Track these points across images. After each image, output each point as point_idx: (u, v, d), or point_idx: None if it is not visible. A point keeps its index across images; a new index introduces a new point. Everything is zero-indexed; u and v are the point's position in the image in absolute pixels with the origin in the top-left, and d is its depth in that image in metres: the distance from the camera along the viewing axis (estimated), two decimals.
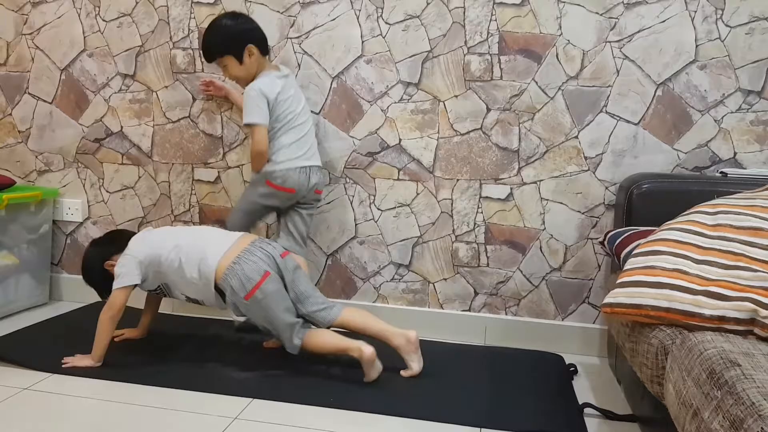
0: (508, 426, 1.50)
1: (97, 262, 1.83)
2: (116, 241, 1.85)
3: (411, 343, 1.75)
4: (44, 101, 2.39)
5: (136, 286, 1.77)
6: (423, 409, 1.57)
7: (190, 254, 1.75)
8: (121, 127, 2.34)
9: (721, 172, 1.86)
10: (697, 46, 1.92)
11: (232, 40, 1.93)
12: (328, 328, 1.80)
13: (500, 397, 1.67)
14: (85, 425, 1.45)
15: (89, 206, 2.42)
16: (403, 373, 1.75)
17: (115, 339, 1.95)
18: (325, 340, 1.75)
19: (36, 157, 2.43)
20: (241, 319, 1.77)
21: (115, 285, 1.74)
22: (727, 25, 1.90)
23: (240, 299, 1.71)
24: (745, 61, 1.90)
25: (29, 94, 2.40)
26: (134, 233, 1.87)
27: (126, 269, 1.75)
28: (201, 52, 2.02)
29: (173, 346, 1.92)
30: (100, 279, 1.83)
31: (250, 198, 2.02)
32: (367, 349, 1.68)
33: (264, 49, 1.98)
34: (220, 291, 1.75)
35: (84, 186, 2.41)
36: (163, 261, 1.76)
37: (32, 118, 2.42)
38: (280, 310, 1.72)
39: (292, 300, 1.76)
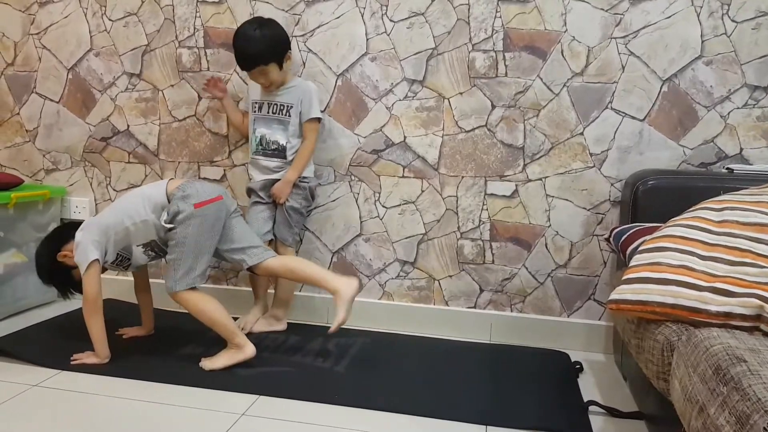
0: (513, 423, 1.51)
1: (48, 258, 1.81)
2: (63, 233, 1.85)
3: (350, 290, 1.72)
4: (51, 100, 2.41)
5: (101, 265, 1.74)
6: (428, 407, 1.58)
7: (129, 197, 1.81)
8: (128, 125, 2.35)
9: (727, 168, 1.85)
10: (702, 41, 1.91)
11: (276, 47, 1.93)
12: (252, 268, 1.81)
13: (505, 395, 1.67)
14: (94, 422, 1.47)
15: (96, 204, 2.43)
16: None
17: (123, 337, 1.97)
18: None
19: (43, 156, 2.45)
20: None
21: (82, 272, 1.73)
22: (733, 21, 1.89)
23: (189, 206, 1.70)
24: (752, 57, 1.89)
25: (36, 93, 2.42)
26: (80, 223, 1.84)
27: (83, 254, 1.73)
28: (241, 61, 1.94)
29: (180, 343, 1.93)
30: (57, 275, 1.83)
31: (299, 206, 2.06)
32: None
33: None
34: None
35: (91, 184, 2.42)
36: (111, 223, 1.76)
37: (40, 117, 2.43)
38: (204, 239, 1.72)
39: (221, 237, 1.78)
